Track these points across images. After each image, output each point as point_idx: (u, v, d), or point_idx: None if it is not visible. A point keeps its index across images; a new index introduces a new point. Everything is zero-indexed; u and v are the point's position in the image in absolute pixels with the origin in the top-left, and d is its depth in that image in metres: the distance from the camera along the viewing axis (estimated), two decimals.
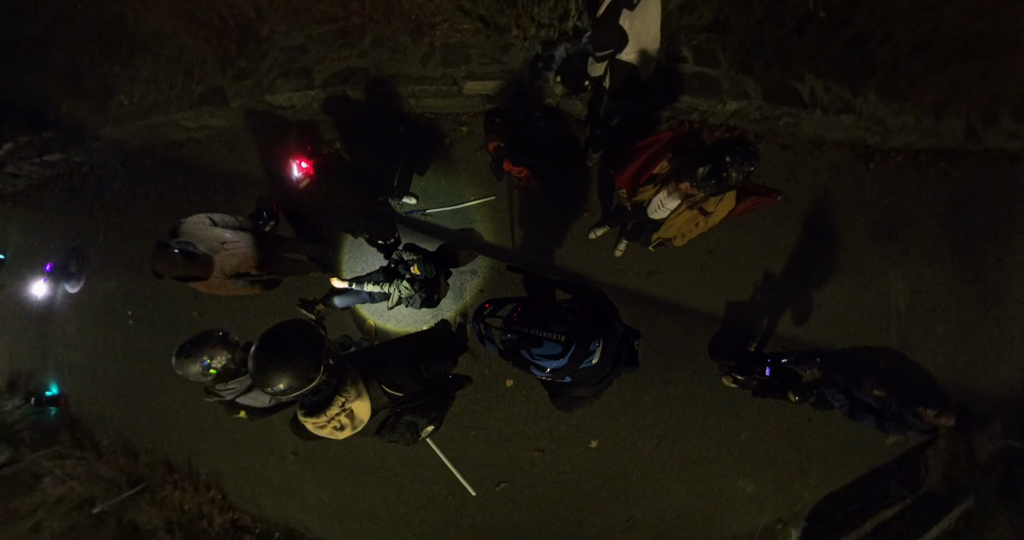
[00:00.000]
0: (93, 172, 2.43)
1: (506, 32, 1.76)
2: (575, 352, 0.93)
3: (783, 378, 2.01)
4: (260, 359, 0.95)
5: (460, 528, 2.12)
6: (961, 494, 2.30)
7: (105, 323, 2.69)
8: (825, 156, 2.50)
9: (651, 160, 1.55)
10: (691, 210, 1.51)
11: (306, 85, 1.83)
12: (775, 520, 2.26)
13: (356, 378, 1.10)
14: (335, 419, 1.04)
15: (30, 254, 2.84)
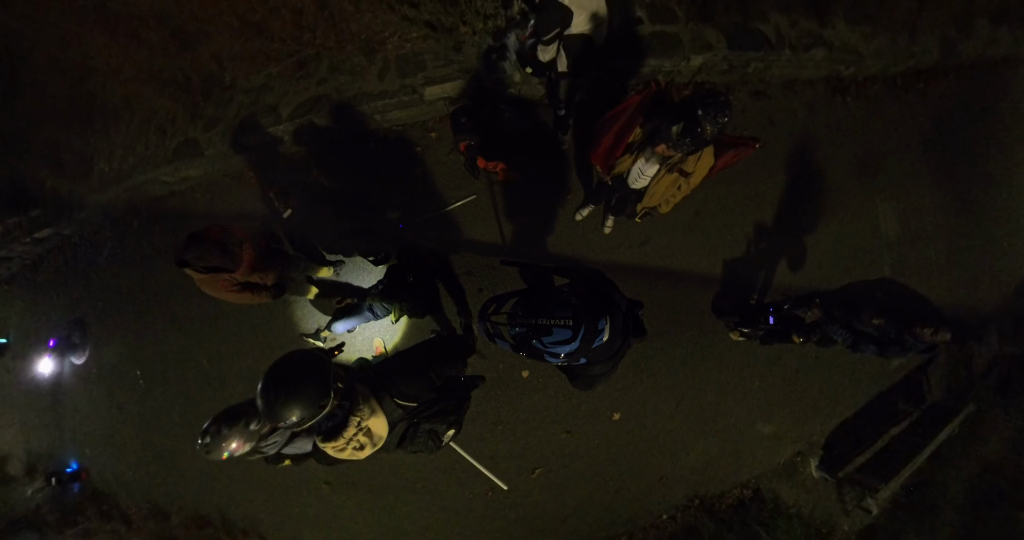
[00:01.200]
0: (84, 241, 2.63)
1: (455, 31, 1.93)
2: (585, 333, 0.98)
3: (786, 323, 2.17)
4: (268, 396, 0.98)
5: (507, 520, 2.22)
6: (963, 402, 2.49)
7: (116, 388, 2.86)
8: (800, 97, 2.64)
9: (623, 130, 1.60)
10: (671, 173, 1.56)
11: (274, 121, 2.02)
12: (794, 453, 2.41)
13: (367, 396, 1.16)
14: (354, 439, 1.10)
15: (32, 333, 3.04)
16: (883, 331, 2.01)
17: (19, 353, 3.12)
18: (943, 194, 2.72)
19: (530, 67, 1.78)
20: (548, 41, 1.59)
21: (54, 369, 3.00)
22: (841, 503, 2.40)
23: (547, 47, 1.63)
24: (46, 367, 2.98)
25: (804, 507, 2.38)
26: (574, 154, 2.35)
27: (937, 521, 2.37)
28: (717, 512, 2.28)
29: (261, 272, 1.61)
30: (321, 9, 1.76)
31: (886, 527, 2.42)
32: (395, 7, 1.78)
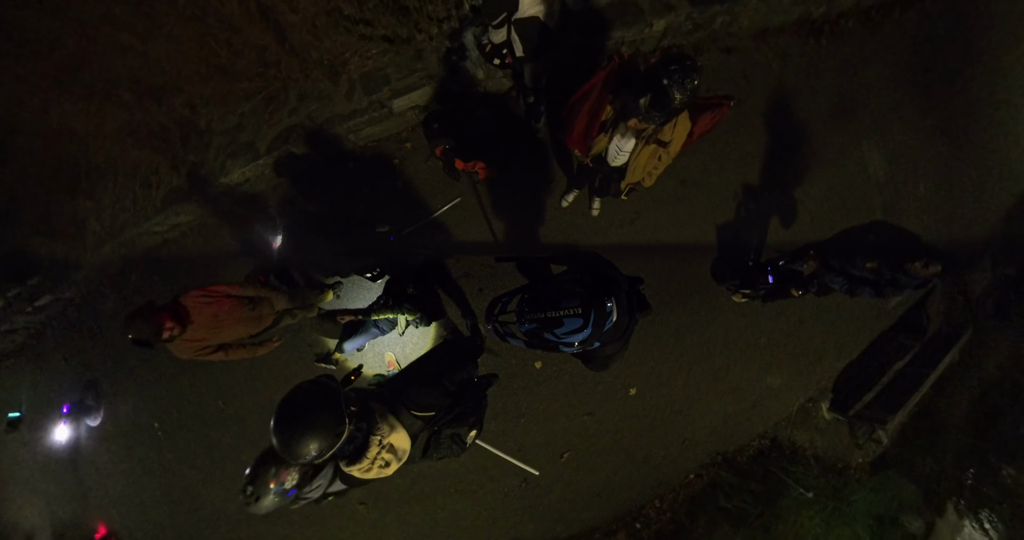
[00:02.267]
0: (85, 302, 2.81)
1: (412, 41, 2.10)
2: (596, 318, 1.04)
3: (785, 279, 2.33)
4: (282, 435, 1.00)
5: (544, 506, 2.39)
6: (961, 329, 2.68)
7: (135, 443, 3.03)
8: (772, 46, 2.77)
9: (594, 110, 1.66)
10: (649, 145, 1.60)
11: (252, 157, 2.20)
12: (806, 400, 2.58)
13: (384, 413, 1.22)
14: (378, 458, 1.15)
15: (45, 402, 3.22)
16: (878, 273, 2.18)
17: (34, 424, 3.30)
18: (929, 127, 2.86)
19: (496, 58, 1.87)
20: (497, 25, 1.68)
21: (71, 435, 3.17)
22: (853, 439, 2.58)
23: (497, 30, 1.72)
24: (62, 434, 3.15)
25: (819, 448, 2.55)
26: (550, 141, 2.51)
27: (944, 443, 2.54)
28: (739, 464, 2.45)
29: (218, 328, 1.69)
30: (281, 43, 1.95)
31: (896, 454, 2.58)
32: (351, 28, 1.96)
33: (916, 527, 2.51)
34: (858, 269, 2.24)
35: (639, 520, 2.36)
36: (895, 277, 2.14)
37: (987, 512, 2.48)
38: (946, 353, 2.64)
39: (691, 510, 2.37)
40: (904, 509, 2.46)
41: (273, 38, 1.92)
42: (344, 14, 1.91)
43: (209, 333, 1.68)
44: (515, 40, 1.75)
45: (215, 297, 1.68)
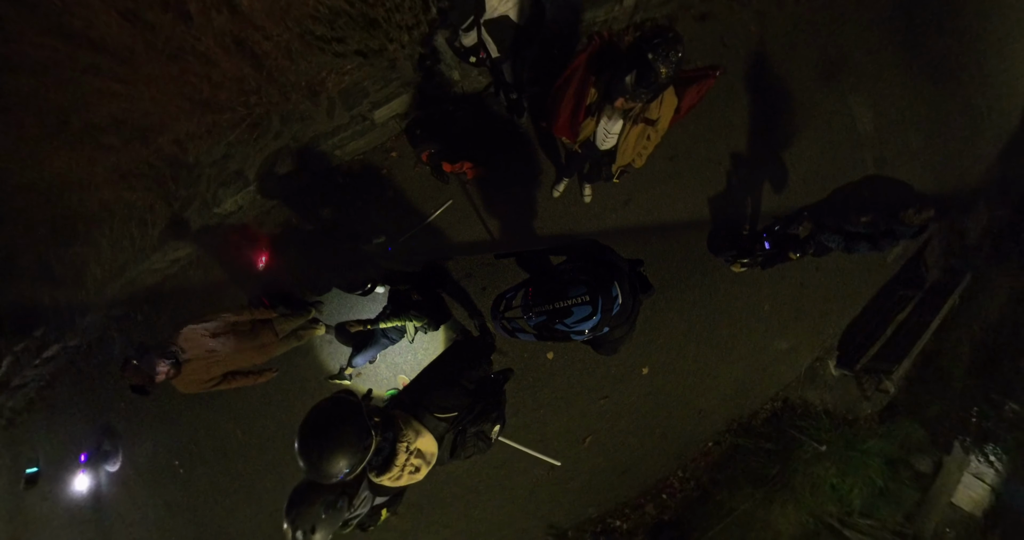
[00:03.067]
0: (92, 348, 3.12)
1: (385, 52, 2.37)
2: (603, 305, 1.16)
3: (782, 244, 2.63)
4: (309, 457, 1.06)
5: (572, 491, 2.77)
6: (960, 275, 3.06)
7: (158, 484, 3.37)
8: (748, 8, 3.01)
9: (578, 94, 1.79)
10: (637, 125, 1.74)
11: (243, 185, 2.48)
12: (813, 360, 2.97)
13: (408, 420, 1.34)
14: (407, 464, 1.26)
15: (62, 452, 3.55)
16: (873, 226, 2.44)
17: (53, 477, 3.64)
18: (915, 75, 3.13)
19: (472, 56, 2.05)
20: (466, 29, 1.87)
21: (91, 483, 3.50)
22: (861, 391, 2.96)
23: (467, 33, 1.91)
24: (83, 484, 3.48)
25: (829, 403, 2.94)
26: (534, 133, 2.79)
27: (948, 386, 2.90)
28: (754, 428, 2.84)
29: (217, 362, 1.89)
30: (259, 71, 2.21)
31: (904, 401, 2.94)
32: (324, 48, 2.22)
33: (925, 466, 2.90)
34: (853, 225, 2.52)
35: (665, 491, 2.75)
36: (890, 228, 2.41)
37: (992, 446, 2.87)
38: (946, 300, 3.03)
39: (713, 476, 2.74)
40: (913, 451, 2.84)
41: (250, 67, 2.18)
42: (316, 35, 2.17)
43: (208, 367, 1.90)
44: (488, 41, 1.96)
45: (210, 330, 1.90)
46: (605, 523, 2.72)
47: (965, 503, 2.92)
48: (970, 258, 3.11)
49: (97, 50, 2.05)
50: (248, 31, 2.09)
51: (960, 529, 2.84)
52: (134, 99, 2.18)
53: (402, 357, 2.80)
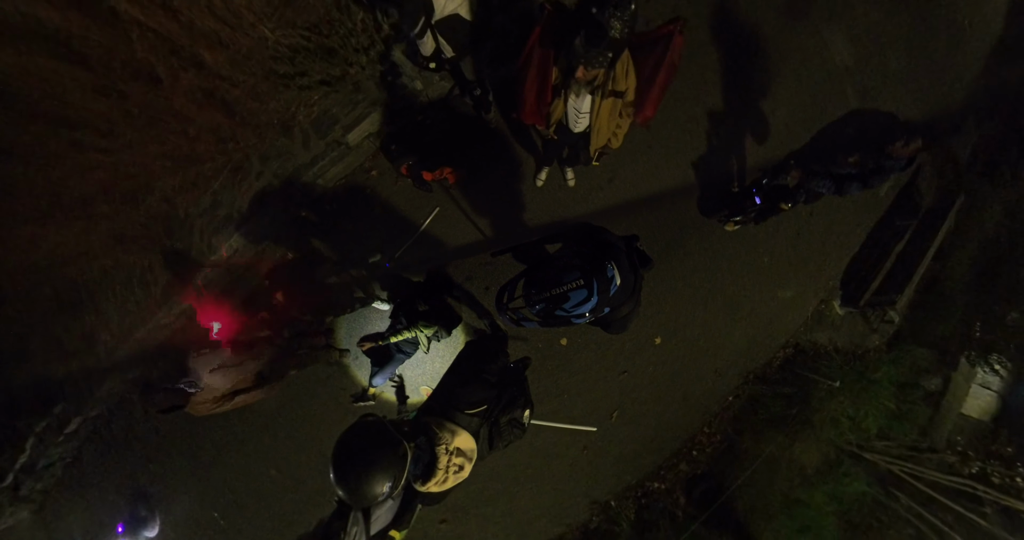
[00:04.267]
0: (113, 415, 3.65)
1: (347, 76, 2.83)
2: (599, 286, 1.36)
3: (773, 196, 3.07)
4: (349, 485, 1.22)
5: (608, 464, 3.41)
6: (954, 196, 3.65)
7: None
8: None
9: (541, 74, 2.04)
10: (606, 99, 2.02)
11: (235, 228, 2.98)
12: (818, 303, 3.59)
13: (440, 423, 1.53)
14: (450, 465, 1.44)
15: (98, 527, 4.12)
16: (862, 165, 2.79)
17: None
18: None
19: (432, 63, 2.40)
20: (419, 34, 2.14)
21: None
22: (868, 325, 3.60)
23: (423, 41, 2.20)
24: None
25: (838, 342, 3.61)
26: (507, 127, 3.27)
27: (951, 306, 3.53)
28: (769, 376, 3.50)
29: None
30: (232, 117, 2.66)
31: (909, 327, 3.56)
32: (289, 84, 2.68)
33: (935, 384, 3.56)
34: (841, 167, 2.90)
35: (694, 448, 3.39)
36: (879, 164, 2.73)
37: (996, 355, 3.52)
38: (942, 223, 3.62)
39: (737, 427, 3.38)
40: (922, 372, 3.49)
41: (223, 116, 2.64)
42: (280, 74, 2.62)
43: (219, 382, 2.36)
44: (442, 43, 2.31)
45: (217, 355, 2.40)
46: (644, 487, 3.39)
47: (974, 411, 3.61)
48: (963, 178, 3.67)
49: (77, 127, 2.51)
50: (215, 82, 2.55)
51: (970, 435, 3.55)
52: (119, 166, 2.65)
53: (421, 369, 3.35)
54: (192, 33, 2.37)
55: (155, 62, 2.41)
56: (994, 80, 3.76)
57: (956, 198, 3.67)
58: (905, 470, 3.27)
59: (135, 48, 2.36)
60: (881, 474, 3.31)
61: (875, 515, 3.35)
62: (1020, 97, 3.71)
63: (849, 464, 3.26)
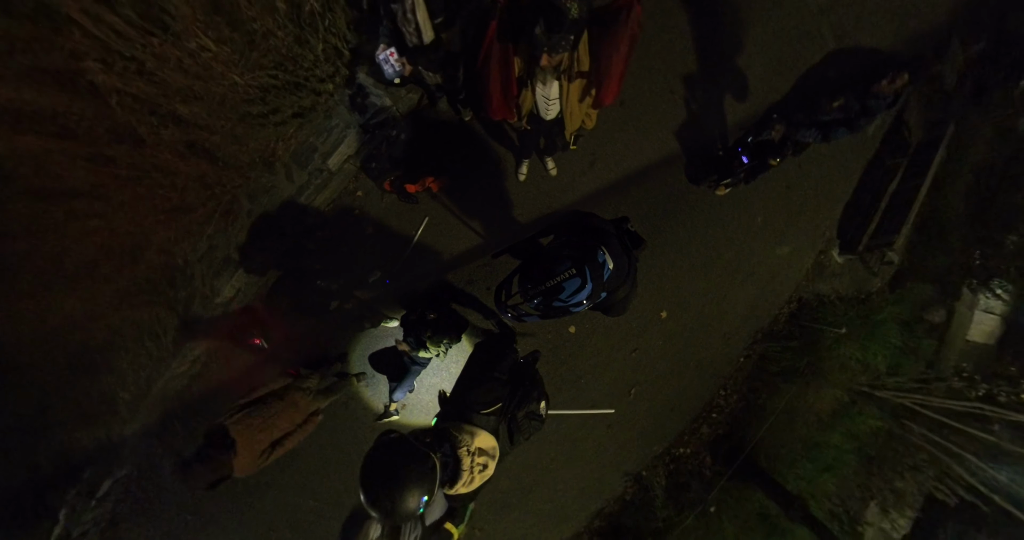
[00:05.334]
0: (142, 471, 4.20)
1: (317, 105, 3.30)
2: (592, 273, 1.56)
3: (759, 153, 3.53)
4: (382, 507, 1.39)
5: (633, 438, 4.08)
6: (944, 127, 4.19)
7: None
8: None
9: (503, 67, 2.30)
10: (574, 82, 2.34)
11: (234, 268, 3.48)
12: (817, 254, 4.24)
13: (458, 426, 1.74)
14: (474, 465, 1.66)
15: None
16: (846, 109, 3.01)
17: None
18: None
19: (397, 78, 2.83)
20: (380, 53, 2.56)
21: None
22: (868, 269, 4.21)
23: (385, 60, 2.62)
24: None
25: (841, 290, 4.23)
26: (481, 127, 3.76)
27: (950, 238, 4.16)
28: (777, 333, 4.14)
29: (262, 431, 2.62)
30: (215, 164, 3.13)
31: (910, 266, 4.18)
32: (265, 122, 3.14)
33: (939, 317, 4.22)
34: (826, 113, 3.14)
35: (713, 411, 4.03)
36: (865, 105, 2.94)
37: (997, 280, 4.15)
38: (934, 156, 4.21)
39: (751, 385, 4.01)
40: (925, 307, 4.13)
41: (207, 163, 3.12)
42: (254, 115, 3.09)
43: (252, 443, 2.66)
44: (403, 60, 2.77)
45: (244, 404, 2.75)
46: (671, 454, 4.07)
47: (979, 337, 4.30)
48: (951, 105, 4.22)
49: (71, 197, 2.97)
50: (195, 133, 3.02)
51: (976, 360, 4.24)
52: (114, 227, 3.13)
53: (437, 376, 3.92)
54: (167, 91, 2.84)
55: (136, 124, 2.88)
56: None
57: (946, 128, 4.25)
58: (915, 401, 3.93)
59: (116, 114, 2.83)
60: (893, 408, 3.97)
61: (890, 446, 4.05)
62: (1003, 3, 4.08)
63: (862, 404, 3.92)
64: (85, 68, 2.65)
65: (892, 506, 4.39)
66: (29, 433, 3.74)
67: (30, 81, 2.64)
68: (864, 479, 4.34)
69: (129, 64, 2.71)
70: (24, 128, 2.75)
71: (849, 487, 4.33)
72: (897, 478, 4.29)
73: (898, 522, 4.43)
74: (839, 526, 4.02)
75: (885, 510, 4.42)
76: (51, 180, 2.94)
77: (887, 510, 4.41)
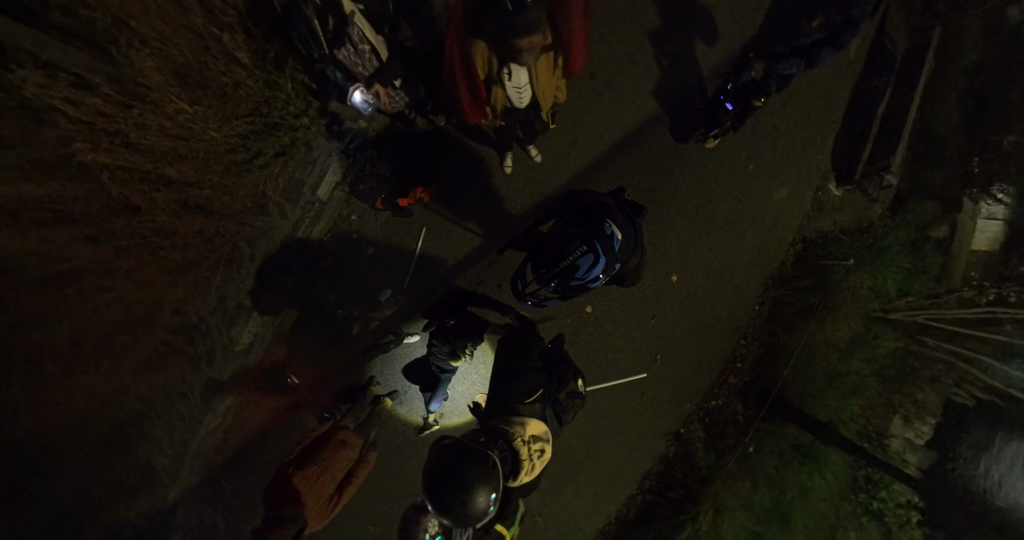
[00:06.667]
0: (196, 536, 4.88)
1: (297, 140, 3.87)
2: (603, 246, 1.88)
3: (743, 96, 4.18)
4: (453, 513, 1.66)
5: (667, 400, 5.00)
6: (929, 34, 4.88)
7: None
8: None
9: (467, 75, 2.67)
10: (539, 60, 2.70)
11: (248, 314, 4.11)
12: (814, 191, 5.13)
13: (507, 420, 2.09)
14: (532, 453, 1.99)
15: None
16: (828, 26, 3.20)
17: None
18: None
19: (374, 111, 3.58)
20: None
21: None
22: (868, 196, 5.03)
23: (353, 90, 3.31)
24: None
25: (843, 222, 5.06)
26: (457, 130, 4.36)
27: (946, 149, 5.01)
28: (786, 276, 5.03)
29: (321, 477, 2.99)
30: (210, 217, 3.71)
31: (908, 185, 4.99)
32: (250, 167, 3.70)
33: (942, 232, 5.10)
34: (806, 36, 3.37)
35: (737, 361, 4.91)
36: (847, 16, 3.10)
37: (998, 184, 4.96)
38: (922, 67, 4.97)
39: (769, 330, 4.88)
40: (928, 225, 4.97)
41: (203, 218, 3.70)
42: (239, 162, 3.66)
43: (318, 494, 3.08)
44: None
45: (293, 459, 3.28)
46: (704, 408, 5.03)
47: (983, 245, 5.24)
48: (934, 7, 4.89)
49: (78, 277, 3.53)
50: (186, 192, 3.60)
51: (984, 267, 5.14)
52: (125, 298, 3.72)
53: (468, 379, 4.67)
54: (154, 157, 3.41)
55: (130, 194, 3.44)
56: None
57: (931, 34, 4.97)
58: (928, 317, 4.83)
59: (109, 188, 3.38)
60: (907, 327, 4.88)
61: (908, 363, 5.01)
62: None
63: (877, 329, 4.84)
64: (74, 151, 3.17)
65: (914, 417, 5.44)
66: (76, 520, 4.39)
67: (23, 175, 3.16)
68: (886, 397, 5.34)
69: (114, 139, 3.27)
70: (24, 220, 3.27)
71: (873, 407, 5.34)
72: (917, 391, 5.28)
73: (921, 430, 5.50)
74: (868, 443, 5.02)
75: (908, 421, 5.48)
76: (57, 265, 3.50)
77: (910, 421, 5.47)
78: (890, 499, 5.10)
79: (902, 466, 4.98)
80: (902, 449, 5.55)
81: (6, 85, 2.94)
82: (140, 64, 3.13)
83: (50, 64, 2.99)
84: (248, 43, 3.41)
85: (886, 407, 5.36)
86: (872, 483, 5.37)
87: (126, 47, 3.08)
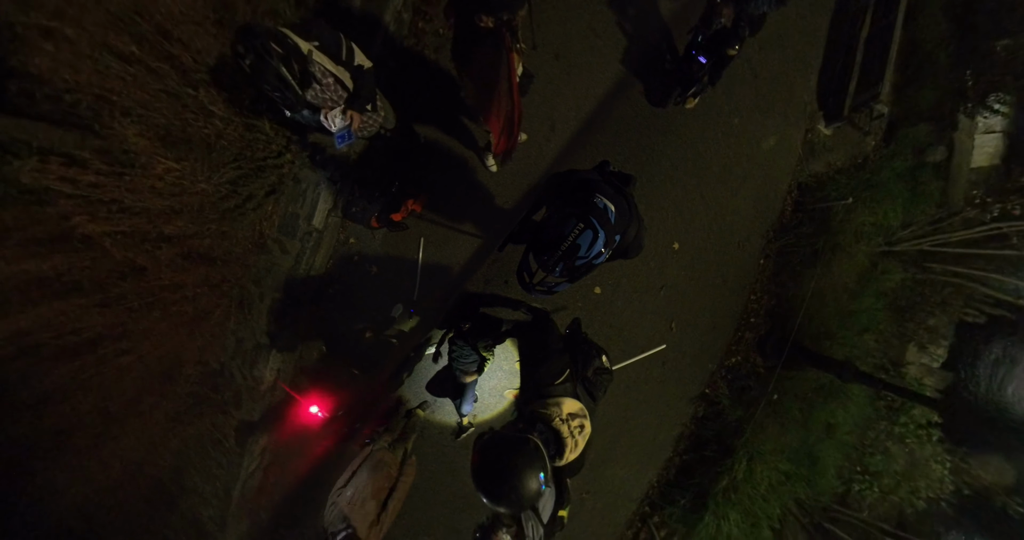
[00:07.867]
0: None
1: (284, 176, 4.39)
2: (598, 220, 2.17)
3: (715, 47, 4.76)
4: (507, 500, 1.98)
5: (687, 364, 5.96)
6: None
7: None
8: None
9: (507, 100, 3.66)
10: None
11: (267, 352, 4.72)
12: (804, 134, 5.96)
13: (542, 404, 2.48)
14: (572, 430, 2.37)
15: None
16: None
17: None
18: None
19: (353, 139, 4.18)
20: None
21: None
22: (859, 130, 5.70)
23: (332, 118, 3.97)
24: None
25: (837, 162, 5.79)
26: (435, 136, 4.92)
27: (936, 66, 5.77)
28: (787, 225, 5.82)
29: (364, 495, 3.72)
30: (213, 265, 4.28)
31: (900, 111, 5.66)
32: (245, 211, 4.23)
33: (940, 155, 5.84)
34: None
35: (750, 316, 5.75)
36: None
37: (994, 95, 5.61)
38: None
39: (777, 281, 5.68)
40: (924, 150, 5.67)
41: (207, 266, 4.25)
42: (233, 207, 4.20)
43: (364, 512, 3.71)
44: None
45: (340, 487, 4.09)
46: (724, 366, 5.95)
47: (983, 160, 6.04)
48: None
49: (96, 344, 4.07)
50: (187, 244, 4.13)
51: (986, 184, 5.92)
52: (144, 358, 4.28)
53: (494, 378, 5.38)
54: (151, 217, 3.93)
55: (133, 255, 3.94)
56: None
57: None
58: (934, 243, 5.61)
59: (113, 254, 3.88)
60: (913, 257, 5.66)
61: (917, 292, 5.88)
62: None
63: (884, 263, 5.67)
64: (75, 224, 3.66)
65: (928, 342, 6.38)
66: None
67: (29, 254, 3.64)
68: (899, 328, 6.26)
69: (111, 206, 3.81)
70: (35, 296, 3.77)
71: (887, 339, 6.29)
72: (928, 317, 6.20)
73: (936, 353, 6.48)
74: (886, 374, 5.90)
75: (923, 347, 6.43)
76: (73, 336, 4.04)
77: (924, 346, 6.42)
78: (911, 422, 6.13)
79: (920, 390, 5.98)
80: (919, 374, 6.54)
81: (5, 176, 3.44)
82: (124, 132, 3.73)
83: (42, 149, 3.50)
84: (222, 94, 4.00)
85: (900, 337, 6.26)
86: (893, 410, 6.43)
87: (109, 119, 3.66)
